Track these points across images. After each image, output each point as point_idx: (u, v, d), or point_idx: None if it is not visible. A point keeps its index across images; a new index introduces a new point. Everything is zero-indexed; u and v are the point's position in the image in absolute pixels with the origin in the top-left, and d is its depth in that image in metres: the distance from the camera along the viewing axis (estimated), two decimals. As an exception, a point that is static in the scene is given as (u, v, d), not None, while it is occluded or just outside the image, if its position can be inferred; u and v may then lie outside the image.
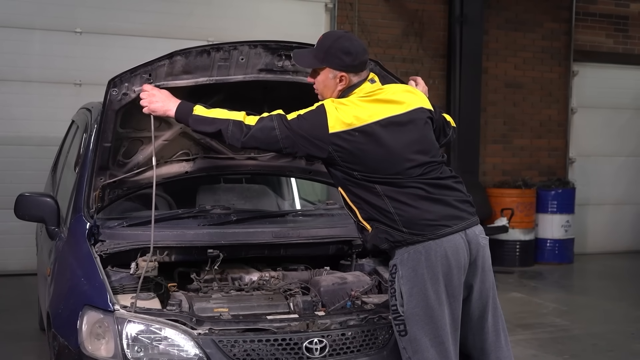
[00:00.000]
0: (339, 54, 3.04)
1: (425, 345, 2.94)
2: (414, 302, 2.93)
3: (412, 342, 2.95)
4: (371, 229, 3.02)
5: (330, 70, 3.07)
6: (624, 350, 5.77)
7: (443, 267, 2.93)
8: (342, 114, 2.95)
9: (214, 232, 3.64)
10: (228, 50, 3.30)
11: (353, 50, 3.05)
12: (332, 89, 3.09)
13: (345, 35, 3.13)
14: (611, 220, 10.58)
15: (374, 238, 3.03)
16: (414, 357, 2.96)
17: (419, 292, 2.93)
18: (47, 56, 7.91)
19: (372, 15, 9.26)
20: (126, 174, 3.58)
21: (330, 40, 3.08)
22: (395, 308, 2.98)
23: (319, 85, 3.14)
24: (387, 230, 2.97)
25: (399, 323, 2.98)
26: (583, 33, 10.36)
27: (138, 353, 2.96)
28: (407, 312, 2.95)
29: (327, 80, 3.09)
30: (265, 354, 3.00)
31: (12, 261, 7.77)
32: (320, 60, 3.08)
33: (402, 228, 2.94)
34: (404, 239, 2.95)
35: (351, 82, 3.07)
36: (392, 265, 3.02)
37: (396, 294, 2.96)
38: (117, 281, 3.31)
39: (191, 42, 7.97)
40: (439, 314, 2.94)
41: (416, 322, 2.94)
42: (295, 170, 4.10)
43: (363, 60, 3.09)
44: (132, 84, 3.28)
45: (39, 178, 6.38)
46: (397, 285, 2.96)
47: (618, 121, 10.59)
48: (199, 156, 3.83)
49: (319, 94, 3.17)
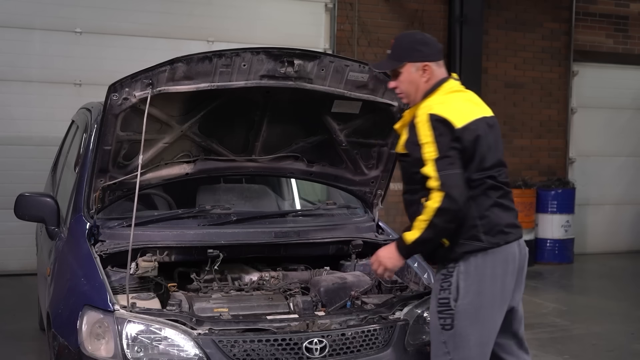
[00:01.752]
0: (417, 46, 3.14)
1: (469, 343, 2.98)
2: (469, 299, 2.98)
3: (455, 337, 2.99)
4: (448, 243, 3.02)
5: (411, 65, 3.13)
6: (624, 350, 5.77)
7: (502, 272, 3.03)
8: (447, 108, 3.00)
9: (214, 232, 3.65)
10: (230, 56, 3.30)
11: (428, 40, 3.18)
12: (418, 83, 3.13)
13: (415, 31, 3.31)
14: (611, 220, 10.57)
15: (450, 252, 3.02)
16: (454, 352, 2.99)
17: (476, 290, 2.98)
18: (47, 56, 7.90)
19: (372, 15, 9.25)
20: (126, 176, 3.58)
21: (404, 38, 3.22)
22: (446, 301, 3.00)
23: (404, 85, 3.16)
24: (464, 243, 2.99)
25: (446, 317, 3.00)
26: (583, 33, 10.35)
27: (138, 353, 2.96)
28: (459, 307, 2.98)
29: (411, 75, 3.13)
30: (265, 354, 3.00)
31: (12, 261, 7.76)
32: (399, 58, 3.15)
33: (481, 236, 3.00)
34: (480, 248, 2.99)
35: (434, 73, 3.12)
36: (449, 259, 3.04)
37: (451, 288, 3.00)
38: (117, 281, 3.32)
39: (191, 42, 8.11)
40: (489, 316, 3.01)
41: (466, 318, 2.98)
42: (295, 172, 4.10)
43: (439, 47, 3.21)
44: (133, 89, 3.27)
45: (39, 178, 6.38)
46: (455, 279, 3.00)
47: (618, 121, 10.59)
48: (199, 158, 3.83)
49: (405, 94, 3.19)
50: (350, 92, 3.60)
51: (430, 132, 2.94)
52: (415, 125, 3.00)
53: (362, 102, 3.70)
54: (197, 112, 3.59)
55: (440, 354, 3.03)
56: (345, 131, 3.88)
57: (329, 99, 3.65)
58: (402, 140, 3.10)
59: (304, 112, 3.77)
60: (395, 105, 3.71)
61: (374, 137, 3.91)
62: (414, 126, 3.01)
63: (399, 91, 3.20)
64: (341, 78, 3.53)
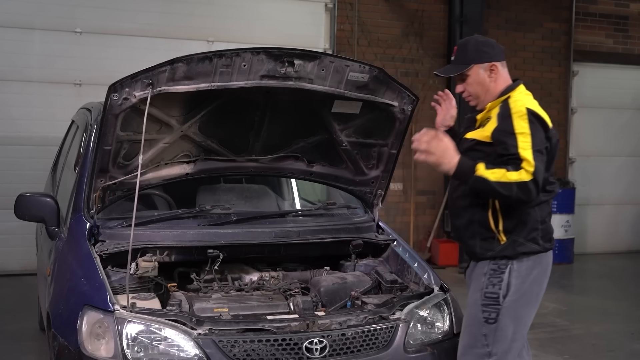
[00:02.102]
0: (482, 48, 3.24)
1: (508, 338, 3.12)
2: (516, 297, 3.11)
3: (497, 331, 3.10)
4: (506, 240, 3.12)
5: (479, 67, 3.22)
6: (624, 350, 5.77)
7: (542, 276, 3.21)
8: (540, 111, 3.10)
9: (214, 232, 3.64)
10: (230, 56, 3.29)
11: (491, 42, 3.31)
12: (486, 84, 3.22)
13: (476, 35, 3.43)
14: (611, 220, 10.57)
15: (507, 249, 3.12)
16: (494, 345, 3.10)
17: (526, 290, 3.13)
18: (47, 56, 7.90)
19: (372, 15, 9.26)
20: (126, 176, 3.58)
21: (469, 42, 3.31)
22: (495, 296, 3.10)
23: (472, 87, 3.25)
24: (524, 243, 3.12)
25: (491, 311, 3.10)
26: (583, 33, 10.35)
27: (138, 353, 2.96)
28: (506, 304, 3.10)
29: (479, 76, 3.22)
30: (265, 354, 3.00)
31: (12, 261, 7.76)
32: (466, 61, 3.23)
33: (539, 240, 3.14)
34: (536, 251, 3.14)
35: (500, 73, 3.22)
36: (502, 256, 3.13)
37: (502, 284, 3.11)
38: (117, 281, 3.32)
39: (191, 42, 8.11)
40: (527, 315, 3.18)
41: (509, 315, 3.10)
42: (295, 172, 4.10)
43: (502, 48, 3.32)
44: (133, 89, 3.27)
45: (39, 178, 6.38)
46: (507, 276, 3.12)
47: (618, 121, 10.59)
48: (199, 158, 3.83)
49: (473, 97, 3.27)
50: (351, 92, 3.59)
51: (527, 124, 3.02)
52: (510, 116, 3.05)
53: (362, 102, 3.70)
54: (197, 112, 3.59)
55: (478, 345, 3.13)
56: (345, 131, 3.87)
57: (329, 99, 3.65)
58: (487, 130, 3.13)
59: (304, 112, 3.76)
60: (396, 105, 3.71)
61: (374, 137, 3.91)
62: (508, 117, 3.06)
63: (466, 94, 3.28)
64: (341, 78, 3.53)
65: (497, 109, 3.16)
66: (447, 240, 9.25)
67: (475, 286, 3.19)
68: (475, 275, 3.23)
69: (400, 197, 9.43)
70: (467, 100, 3.31)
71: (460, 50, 3.29)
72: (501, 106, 3.14)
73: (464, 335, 3.22)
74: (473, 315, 3.16)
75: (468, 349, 3.16)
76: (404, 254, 3.90)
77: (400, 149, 3.95)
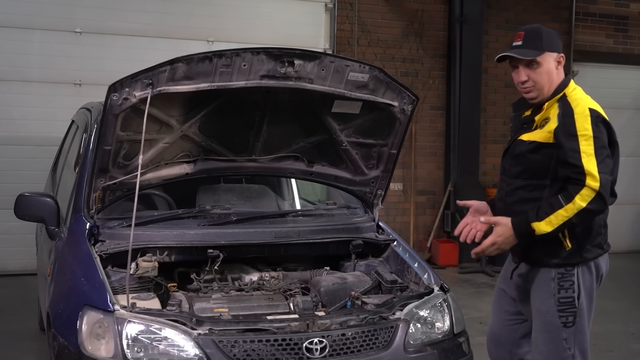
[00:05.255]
0: (553, 37, 3.19)
1: (586, 337, 3.19)
2: (589, 299, 3.16)
3: (577, 334, 3.15)
4: (571, 247, 3.09)
5: (549, 55, 3.14)
6: (624, 350, 5.77)
7: (598, 277, 3.23)
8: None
9: (214, 232, 3.64)
10: (230, 56, 3.29)
11: (556, 33, 3.25)
12: (553, 75, 3.14)
13: (538, 24, 3.33)
14: (611, 220, 10.43)
15: (574, 256, 3.11)
16: (575, 347, 3.13)
17: (590, 291, 3.17)
18: (47, 56, 7.90)
19: (372, 15, 9.26)
20: (126, 176, 3.58)
21: (541, 29, 3.19)
22: (570, 300, 3.12)
23: (541, 76, 3.12)
24: (591, 249, 3.12)
25: (568, 314, 3.12)
26: (583, 33, 10.36)
27: (138, 353, 2.96)
28: (582, 306, 3.14)
29: (550, 65, 3.14)
30: (265, 354, 2.99)
31: (12, 261, 7.77)
32: (540, 47, 3.12)
33: (604, 244, 3.16)
34: (601, 254, 3.16)
35: (562, 67, 3.18)
36: (571, 263, 3.13)
37: (574, 287, 3.12)
38: (117, 281, 3.32)
39: (191, 42, 8.11)
40: (591, 314, 3.23)
41: (584, 315, 3.16)
42: (295, 172, 4.10)
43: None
44: (133, 89, 3.27)
45: (39, 178, 6.39)
46: (577, 279, 3.12)
47: (618, 121, 10.45)
48: (199, 158, 3.83)
49: (537, 87, 3.14)
50: (351, 92, 3.59)
51: (590, 126, 2.95)
52: (573, 116, 2.98)
53: (362, 102, 3.70)
54: (197, 112, 3.59)
55: (560, 349, 3.14)
56: (345, 131, 3.87)
57: (329, 99, 3.65)
58: (546, 130, 3.05)
59: (304, 112, 3.76)
60: (396, 105, 3.71)
61: (374, 137, 3.91)
62: (570, 116, 2.98)
63: (530, 84, 3.15)
64: (341, 78, 3.53)
65: (555, 108, 3.07)
66: (447, 240, 9.25)
67: (543, 292, 3.15)
68: (538, 281, 3.18)
69: (400, 197, 9.43)
70: (527, 91, 3.16)
71: (531, 35, 3.14)
72: (560, 105, 3.05)
73: (543, 342, 3.17)
74: (551, 322, 3.14)
75: (551, 355, 3.16)
76: (404, 254, 3.90)
77: (400, 149, 3.95)
